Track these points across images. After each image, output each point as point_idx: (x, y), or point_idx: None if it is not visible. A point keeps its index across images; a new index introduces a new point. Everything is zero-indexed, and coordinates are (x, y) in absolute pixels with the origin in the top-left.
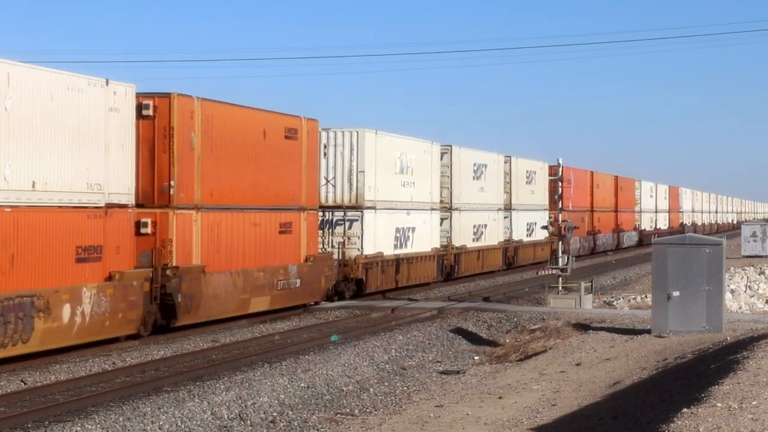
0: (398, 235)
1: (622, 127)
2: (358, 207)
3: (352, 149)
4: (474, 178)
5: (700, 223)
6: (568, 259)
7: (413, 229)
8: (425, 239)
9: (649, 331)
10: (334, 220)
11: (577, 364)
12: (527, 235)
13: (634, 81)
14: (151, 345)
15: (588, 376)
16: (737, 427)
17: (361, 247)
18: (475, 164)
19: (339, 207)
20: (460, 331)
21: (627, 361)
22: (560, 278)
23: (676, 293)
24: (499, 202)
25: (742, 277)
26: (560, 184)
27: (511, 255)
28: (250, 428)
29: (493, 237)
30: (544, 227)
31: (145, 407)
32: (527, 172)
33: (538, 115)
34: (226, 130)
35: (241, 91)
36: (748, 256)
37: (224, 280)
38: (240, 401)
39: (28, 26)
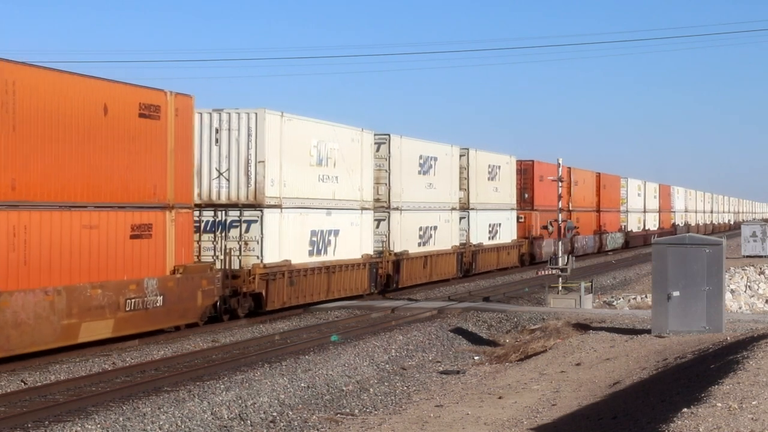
0: (315, 239)
1: (622, 128)
2: (256, 205)
3: (249, 135)
4: (420, 173)
5: (694, 224)
6: (568, 259)
7: (336, 232)
8: (354, 244)
9: (649, 331)
10: (228, 222)
11: (577, 364)
12: (490, 237)
13: (631, 81)
14: (151, 345)
15: (588, 376)
16: (737, 427)
17: (261, 255)
18: (421, 157)
19: (234, 205)
20: (460, 331)
21: (627, 361)
22: (560, 278)
23: (676, 293)
24: (452, 201)
25: (742, 277)
26: (560, 184)
27: (468, 261)
28: (250, 428)
29: (445, 240)
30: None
31: (145, 407)
32: (490, 166)
33: (537, 115)
34: (40, 102)
35: (241, 91)
36: (748, 256)
37: (33, 301)
38: (240, 401)
39: (28, 26)
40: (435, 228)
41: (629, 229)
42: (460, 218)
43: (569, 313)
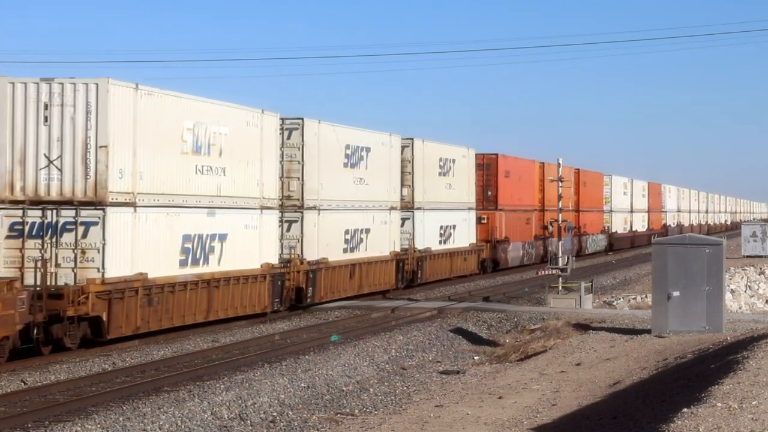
0: (190, 246)
1: (622, 128)
2: (97, 203)
3: (88, 112)
4: (347, 166)
5: (687, 224)
6: (568, 259)
7: (223, 237)
8: (250, 252)
9: (649, 331)
10: (60, 224)
11: (577, 364)
12: (442, 241)
13: (631, 81)
14: (151, 345)
15: (588, 376)
16: (737, 427)
17: (103, 266)
18: (349, 147)
19: (68, 202)
20: (460, 331)
21: (627, 361)
22: (560, 278)
23: (676, 293)
24: (391, 199)
25: (742, 277)
26: (560, 183)
27: (411, 269)
28: (250, 428)
29: (381, 245)
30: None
31: (145, 407)
32: (441, 160)
33: (537, 115)
34: None
35: (241, 91)
36: (748, 256)
37: None
38: (240, 401)
39: (28, 26)
40: (367, 231)
41: (613, 231)
42: (403, 219)
43: (569, 313)
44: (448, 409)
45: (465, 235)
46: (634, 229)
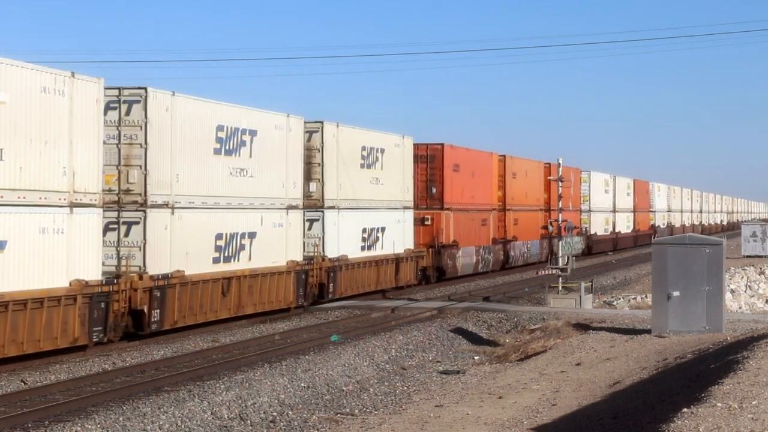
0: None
1: (624, 129)
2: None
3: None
4: (219, 153)
5: (678, 225)
6: (568, 259)
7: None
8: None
9: (649, 331)
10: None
11: (577, 364)
12: (365, 247)
13: (628, 81)
14: (151, 345)
15: (588, 376)
16: (737, 427)
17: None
18: (223, 129)
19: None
20: (460, 331)
21: (627, 361)
22: (560, 278)
23: (676, 293)
24: (291, 196)
25: (742, 277)
26: (560, 183)
27: (317, 282)
28: (250, 428)
29: (274, 253)
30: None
31: (145, 407)
32: (365, 149)
33: (537, 115)
34: None
35: (241, 92)
36: (748, 256)
37: None
38: (240, 401)
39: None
40: (252, 235)
41: (592, 232)
42: (310, 221)
43: (569, 313)
44: (448, 409)
45: (398, 240)
46: (617, 231)
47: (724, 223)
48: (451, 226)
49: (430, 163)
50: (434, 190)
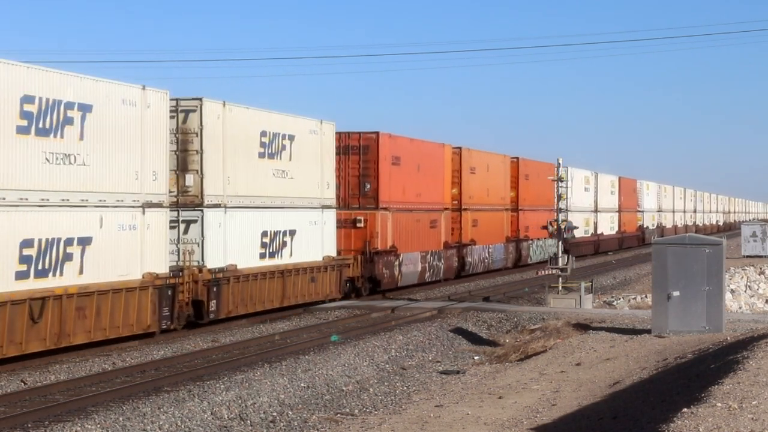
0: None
1: (625, 129)
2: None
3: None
4: (29, 133)
5: (670, 226)
6: (568, 259)
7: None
8: (314, 246)
9: (649, 331)
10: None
11: (577, 364)
12: (268, 254)
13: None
14: (151, 345)
15: (588, 376)
16: (737, 427)
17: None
18: (34, 102)
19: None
20: (460, 331)
21: (627, 361)
22: (560, 278)
23: (676, 293)
24: (148, 191)
25: (742, 277)
26: (558, 184)
27: (189, 299)
28: (250, 428)
29: (121, 264)
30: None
31: (145, 407)
32: (267, 135)
33: (542, 115)
34: None
35: (242, 91)
36: (748, 256)
37: None
38: (240, 401)
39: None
40: (86, 242)
41: (600, 232)
42: (186, 223)
43: (569, 313)
44: (448, 409)
45: (315, 245)
46: (599, 233)
47: (720, 223)
48: (388, 229)
49: (363, 155)
50: (368, 187)
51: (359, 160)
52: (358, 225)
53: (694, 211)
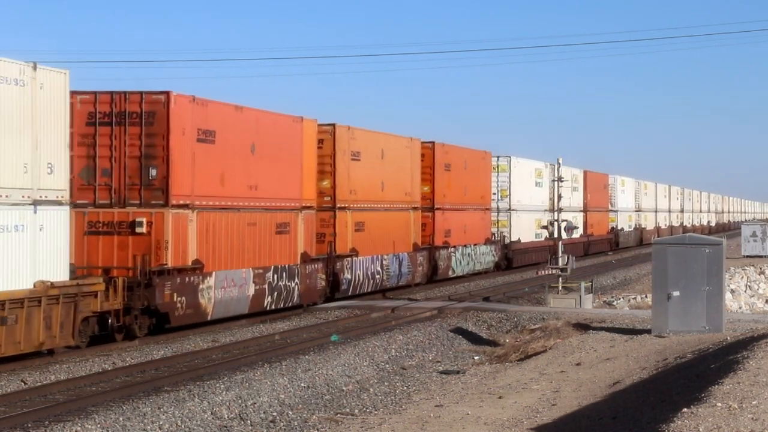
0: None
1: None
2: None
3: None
4: None
5: (651, 227)
6: (568, 259)
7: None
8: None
9: (649, 331)
10: None
11: (577, 364)
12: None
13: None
14: (151, 345)
15: (588, 376)
16: (737, 426)
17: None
18: None
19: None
20: (460, 331)
21: (627, 361)
22: (560, 278)
23: (676, 293)
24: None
25: (742, 277)
26: (558, 184)
27: None
28: (250, 428)
29: None
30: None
31: (145, 407)
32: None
33: (539, 116)
34: None
35: (242, 91)
36: (748, 256)
37: None
38: (240, 401)
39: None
40: None
41: (514, 239)
42: None
43: (569, 313)
44: (448, 409)
45: (17, 265)
46: (556, 236)
47: (713, 224)
48: (189, 236)
49: (146, 127)
50: (153, 174)
51: (140, 133)
52: (137, 230)
53: (681, 211)
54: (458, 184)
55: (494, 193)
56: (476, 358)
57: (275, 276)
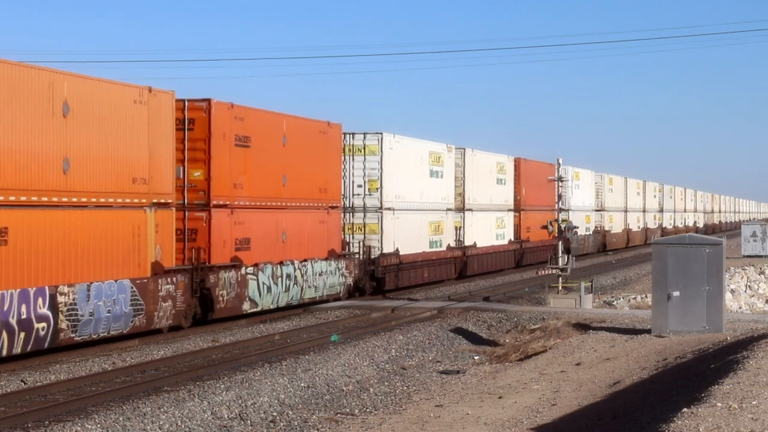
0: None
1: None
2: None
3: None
4: None
5: (619, 230)
6: (568, 259)
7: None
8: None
9: (649, 331)
10: None
11: (577, 364)
12: None
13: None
14: (151, 345)
15: (588, 376)
16: (737, 427)
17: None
18: None
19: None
20: (460, 331)
21: (627, 361)
22: (560, 278)
23: (676, 293)
24: None
25: (742, 277)
26: (559, 183)
27: None
28: (250, 428)
29: None
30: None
31: (145, 407)
32: None
33: (542, 115)
34: None
35: (242, 91)
36: (748, 256)
37: None
38: (240, 401)
39: (29, 26)
40: None
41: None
42: None
43: (569, 313)
44: (448, 409)
45: None
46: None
47: (700, 225)
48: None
49: None
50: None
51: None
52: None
53: (660, 211)
54: (268, 169)
55: (359, 186)
56: (476, 358)
57: (83, 297)
